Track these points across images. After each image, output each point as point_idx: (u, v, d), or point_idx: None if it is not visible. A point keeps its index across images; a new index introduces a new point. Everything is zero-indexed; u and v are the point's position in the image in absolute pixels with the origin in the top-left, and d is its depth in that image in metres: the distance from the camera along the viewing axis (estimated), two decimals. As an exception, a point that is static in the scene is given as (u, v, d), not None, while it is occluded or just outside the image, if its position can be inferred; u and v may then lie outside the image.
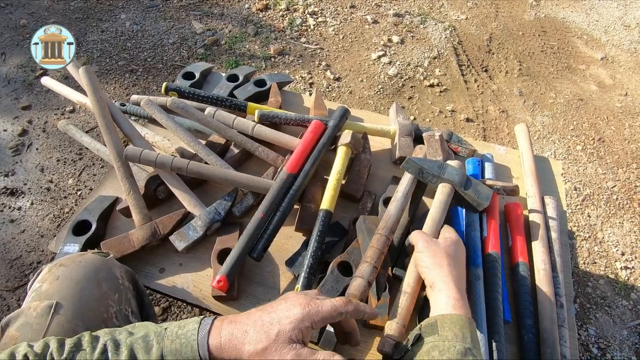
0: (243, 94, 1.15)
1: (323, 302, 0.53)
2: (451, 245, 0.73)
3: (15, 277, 1.44)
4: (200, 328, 0.50)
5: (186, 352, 0.48)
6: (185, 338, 0.49)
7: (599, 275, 1.51)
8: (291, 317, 0.50)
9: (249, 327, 0.50)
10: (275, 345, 0.48)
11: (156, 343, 0.48)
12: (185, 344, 0.48)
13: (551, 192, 1.05)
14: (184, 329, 0.50)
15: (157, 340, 0.49)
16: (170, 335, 0.49)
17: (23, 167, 1.74)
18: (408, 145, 1.06)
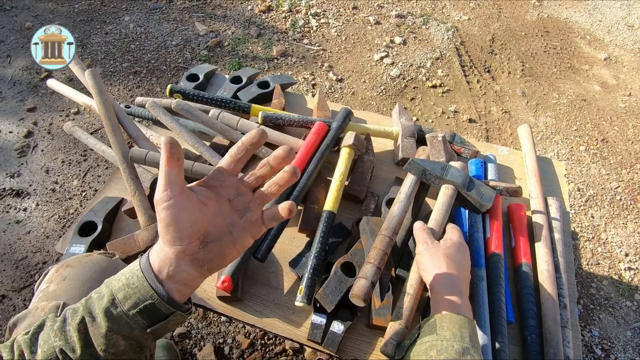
0: (246, 96, 1.16)
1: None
2: (452, 247, 0.72)
3: (21, 278, 1.45)
4: (142, 258, 0.47)
5: (132, 282, 0.45)
6: (130, 272, 0.46)
7: (602, 276, 1.50)
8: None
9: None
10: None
11: (106, 287, 0.47)
12: (129, 276, 0.46)
13: (554, 193, 1.05)
14: (130, 267, 0.47)
15: (107, 284, 0.47)
16: (118, 277, 0.47)
17: (28, 168, 1.76)
18: (411, 146, 1.06)
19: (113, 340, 0.45)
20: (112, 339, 0.45)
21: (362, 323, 0.82)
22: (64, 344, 0.45)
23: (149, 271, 0.45)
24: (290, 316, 0.83)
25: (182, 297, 0.47)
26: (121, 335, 0.46)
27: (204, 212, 0.47)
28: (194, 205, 0.46)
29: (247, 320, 0.83)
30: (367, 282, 0.71)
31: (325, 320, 0.79)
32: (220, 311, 0.84)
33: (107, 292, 0.46)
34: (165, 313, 0.46)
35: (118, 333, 0.45)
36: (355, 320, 0.81)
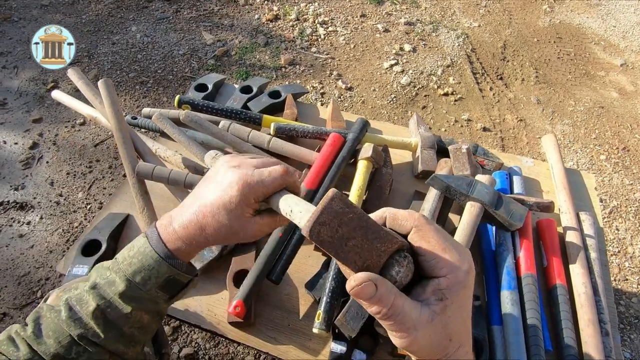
0: (257, 106, 1.12)
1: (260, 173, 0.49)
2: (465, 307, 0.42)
3: (23, 295, 1.40)
4: (149, 237, 0.48)
5: (148, 263, 0.47)
6: (140, 254, 0.47)
7: (632, 293, 1.42)
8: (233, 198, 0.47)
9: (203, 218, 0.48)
10: (236, 227, 0.48)
11: (115, 274, 0.47)
12: (142, 259, 0.47)
13: (585, 208, 0.99)
14: (135, 248, 0.48)
15: (115, 271, 0.47)
16: (123, 260, 0.48)
17: (33, 180, 1.72)
18: (431, 158, 1.00)
19: (137, 317, 0.48)
20: (136, 316, 0.47)
21: (385, 352, 0.75)
22: (82, 331, 0.46)
23: (165, 252, 0.47)
24: (307, 343, 0.77)
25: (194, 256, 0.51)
26: (145, 311, 0.48)
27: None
28: None
29: (260, 348, 0.77)
30: (393, 310, 0.65)
31: (346, 348, 0.73)
32: (231, 337, 0.78)
33: (118, 277, 0.47)
34: (184, 282, 0.50)
35: (142, 310, 0.48)
36: (377, 348, 0.75)
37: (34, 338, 0.45)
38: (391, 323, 0.33)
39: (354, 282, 0.33)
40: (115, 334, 0.47)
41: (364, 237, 0.34)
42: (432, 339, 0.34)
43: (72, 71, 1.00)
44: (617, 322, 0.80)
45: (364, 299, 0.33)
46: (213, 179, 0.50)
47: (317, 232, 0.33)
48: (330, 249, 0.33)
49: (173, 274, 0.48)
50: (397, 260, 0.35)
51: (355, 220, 0.34)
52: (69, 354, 0.45)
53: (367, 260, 0.34)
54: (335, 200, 0.35)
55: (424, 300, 0.34)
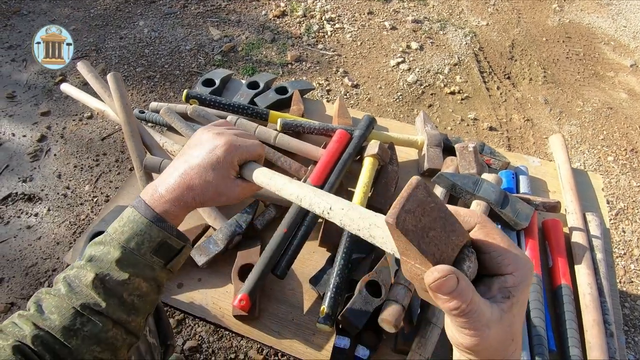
0: (264, 102, 1.12)
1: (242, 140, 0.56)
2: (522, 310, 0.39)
3: (30, 285, 1.42)
4: (136, 207, 0.51)
5: (140, 229, 0.49)
6: (130, 222, 0.50)
7: (637, 296, 1.41)
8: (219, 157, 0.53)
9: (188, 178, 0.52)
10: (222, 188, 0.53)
11: (108, 244, 0.49)
12: (133, 226, 0.49)
13: (592, 209, 0.98)
14: (124, 219, 0.51)
15: (108, 241, 0.49)
16: (114, 231, 0.50)
17: (41, 173, 1.74)
18: (437, 156, 1.00)
19: (135, 284, 0.49)
20: (135, 283, 0.49)
21: (388, 347, 0.76)
22: (83, 300, 0.47)
23: (154, 216, 0.50)
24: (311, 338, 0.78)
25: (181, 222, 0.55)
26: (142, 278, 0.49)
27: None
28: None
29: (264, 341, 0.77)
30: (398, 306, 0.66)
31: (349, 343, 0.73)
32: (236, 330, 0.79)
33: (112, 247, 0.48)
34: (177, 248, 0.52)
35: (139, 276, 0.49)
36: (381, 344, 0.75)
37: (37, 316, 0.46)
38: (466, 320, 0.32)
39: (437, 274, 0.31)
40: (116, 302, 0.48)
41: (442, 229, 0.33)
42: (499, 339, 0.33)
43: (82, 64, 1.01)
44: (621, 323, 0.80)
45: (444, 293, 0.31)
46: (197, 144, 0.55)
47: (403, 220, 0.31)
48: (413, 239, 0.31)
49: (165, 238, 0.50)
50: (467, 254, 0.33)
51: (436, 211, 0.33)
52: (74, 325, 0.46)
53: (443, 253, 0.32)
54: (420, 188, 0.33)
55: (491, 298, 0.33)
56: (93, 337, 0.46)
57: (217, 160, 0.52)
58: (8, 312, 1.36)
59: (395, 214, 0.31)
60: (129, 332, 0.50)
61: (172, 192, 0.51)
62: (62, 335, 0.45)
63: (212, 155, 0.52)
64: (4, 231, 1.55)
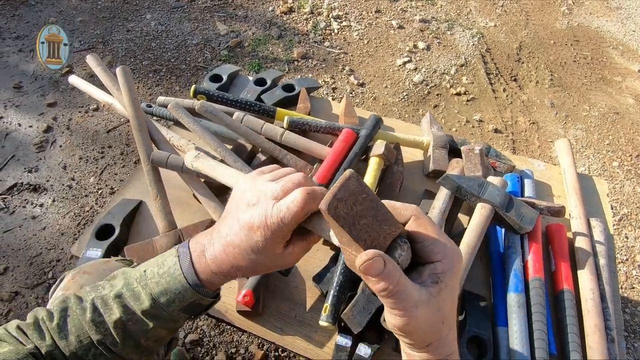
0: (271, 99, 1.12)
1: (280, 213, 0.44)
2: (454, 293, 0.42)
3: (35, 275, 1.43)
4: (181, 260, 0.47)
5: (175, 287, 0.46)
6: (169, 275, 0.47)
7: (637, 302, 1.42)
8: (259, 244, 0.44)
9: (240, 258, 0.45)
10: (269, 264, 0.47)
11: (142, 289, 0.47)
12: (170, 280, 0.47)
13: (596, 214, 0.98)
14: (165, 267, 0.48)
15: (142, 286, 0.48)
16: (152, 277, 0.48)
17: (46, 163, 1.75)
18: (443, 157, 1.00)
19: (156, 332, 0.48)
20: (156, 332, 0.48)
21: (389, 347, 0.76)
22: (101, 337, 0.46)
23: (195, 281, 0.46)
24: (313, 335, 0.78)
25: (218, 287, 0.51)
26: (164, 328, 0.49)
27: None
28: None
29: (267, 337, 0.78)
30: (401, 306, 0.66)
31: (351, 342, 0.74)
32: (239, 325, 0.80)
33: (144, 294, 0.47)
34: (206, 305, 0.50)
35: (162, 327, 0.48)
36: (382, 343, 0.76)
37: (57, 331, 0.47)
38: (394, 301, 0.35)
39: (365, 257, 0.34)
40: (132, 345, 0.48)
41: (374, 218, 0.36)
42: (428, 320, 0.36)
43: (91, 57, 1.01)
44: (622, 329, 0.80)
45: (372, 274, 0.34)
46: (234, 213, 0.46)
47: (334, 207, 0.35)
48: (344, 225, 0.35)
49: (197, 299, 0.47)
50: (400, 244, 0.37)
51: (368, 201, 0.36)
52: (86, 355, 0.46)
53: (374, 240, 0.36)
54: (352, 179, 0.36)
55: (421, 282, 0.36)
56: None
57: (256, 245, 0.44)
58: (12, 300, 1.37)
59: (328, 200, 0.34)
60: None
61: (218, 266, 0.46)
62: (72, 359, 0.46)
63: (249, 239, 0.44)
64: (10, 220, 1.56)
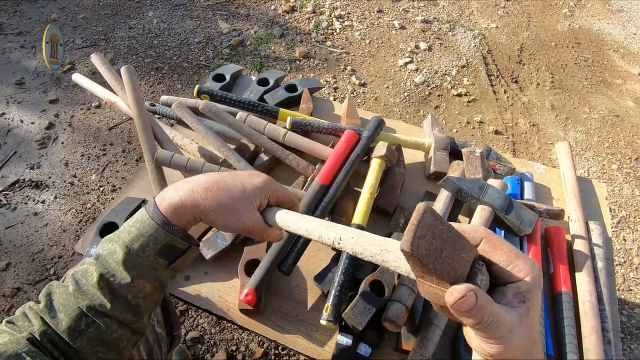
0: (274, 99, 1.13)
1: (282, 185, 0.59)
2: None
3: (37, 271, 1.44)
4: (147, 207, 0.51)
5: (146, 230, 0.48)
6: (138, 222, 0.49)
7: (634, 304, 1.43)
8: (255, 184, 0.54)
9: (212, 185, 0.52)
10: (238, 206, 0.51)
11: (115, 243, 0.49)
12: (140, 227, 0.49)
13: (595, 217, 0.99)
14: (134, 219, 0.50)
15: (115, 241, 0.49)
16: (123, 230, 0.50)
17: (48, 160, 1.76)
18: (444, 159, 1.01)
19: (139, 286, 0.49)
20: (138, 285, 0.49)
21: (389, 346, 0.78)
22: (89, 302, 0.47)
23: (161, 219, 0.49)
24: (314, 334, 0.79)
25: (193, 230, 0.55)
26: (146, 280, 0.49)
27: None
28: None
29: (268, 336, 0.79)
30: (402, 307, 0.67)
31: (352, 341, 0.75)
32: (241, 324, 0.81)
33: (118, 246, 0.48)
34: (182, 249, 0.51)
35: (143, 278, 0.49)
36: (382, 343, 0.77)
37: (46, 311, 0.47)
38: (489, 331, 0.33)
39: (457, 295, 0.32)
40: (121, 303, 0.48)
41: (453, 248, 0.34)
42: (523, 342, 0.34)
43: (96, 56, 1.02)
44: (619, 331, 0.81)
45: (464, 310, 0.32)
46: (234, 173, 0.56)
47: (417, 246, 0.33)
48: (429, 262, 0.33)
49: (170, 240, 0.49)
50: (478, 268, 0.35)
51: (445, 232, 0.35)
52: (79, 325, 0.46)
53: (457, 271, 0.34)
54: (427, 213, 0.35)
55: (507, 304, 0.35)
56: (98, 339, 0.47)
57: (251, 182, 0.53)
58: (14, 296, 1.38)
59: (409, 241, 0.33)
60: (134, 332, 0.50)
61: (180, 198, 0.50)
62: (67, 335, 0.46)
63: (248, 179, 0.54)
64: (12, 217, 1.57)
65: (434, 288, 0.35)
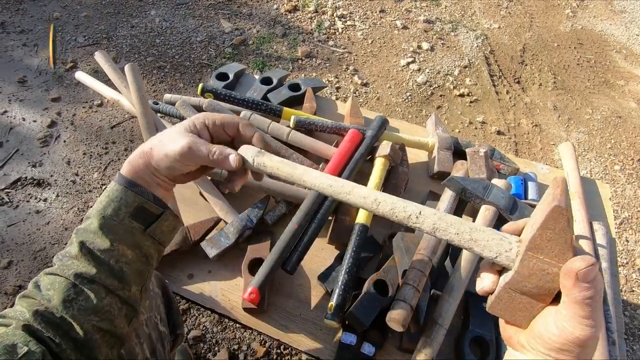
0: (277, 98, 1.13)
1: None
2: None
3: (38, 269, 1.44)
4: (115, 177, 0.53)
5: (115, 195, 0.51)
6: (108, 191, 0.52)
7: (637, 305, 1.43)
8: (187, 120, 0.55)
9: (154, 137, 0.54)
10: (172, 135, 0.52)
11: (91, 216, 0.51)
12: (109, 194, 0.51)
13: (598, 218, 0.99)
14: (104, 192, 0.53)
15: (90, 214, 0.51)
16: (96, 203, 0.52)
17: (50, 158, 1.76)
18: (447, 159, 1.01)
19: (120, 251, 0.50)
20: (119, 250, 0.50)
21: (393, 346, 0.77)
22: (75, 270, 0.48)
23: (127, 181, 0.51)
24: (317, 333, 0.79)
25: (167, 200, 0.55)
26: (125, 245, 0.50)
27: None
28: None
29: (272, 334, 0.79)
30: (406, 306, 0.67)
31: (355, 340, 0.75)
32: (244, 322, 0.80)
33: (93, 216, 0.50)
34: (156, 213, 0.52)
35: (122, 243, 0.50)
36: (386, 342, 0.77)
37: (35, 293, 0.48)
38: (592, 309, 0.34)
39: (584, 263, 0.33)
40: (105, 269, 0.49)
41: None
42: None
43: (99, 54, 1.02)
44: (623, 332, 0.81)
45: (587, 281, 0.33)
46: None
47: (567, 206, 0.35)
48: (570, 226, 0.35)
49: (141, 202, 0.51)
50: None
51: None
52: (69, 295, 0.47)
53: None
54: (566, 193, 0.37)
55: None
56: (89, 307, 0.47)
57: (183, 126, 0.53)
58: (16, 294, 1.38)
59: (563, 201, 0.34)
60: (124, 302, 0.51)
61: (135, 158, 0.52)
62: (60, 309, 0.46)
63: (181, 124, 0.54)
64: (14, 215, 1.57)
65: (546, 263, 0.35)
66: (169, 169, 0.52)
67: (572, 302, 0.34)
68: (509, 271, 0.38)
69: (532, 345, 0.38)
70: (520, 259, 0.36)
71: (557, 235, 0.34)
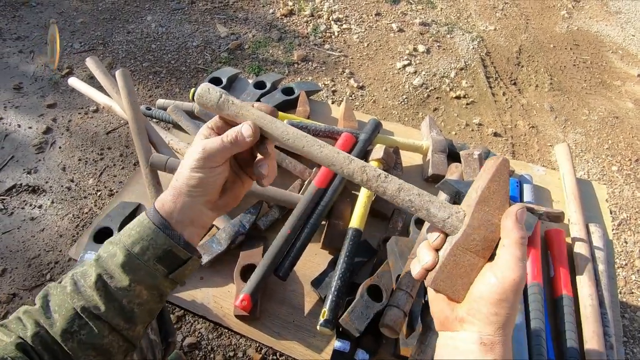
0: (270, 102, 1.12)
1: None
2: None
3: (33, 277, 1.43)
4: (147, 211, 0.50)
5: (146, 233, 0.48)
6: (139, 225, 0.49)
7: (636, 307, 1.41)
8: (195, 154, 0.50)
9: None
10: (187, 153, 0.50)
11: (116, 246, 0.49)
12: (140, 230, 0.48)
13: (595, 219, 0.98)
14: (135, 222, 0.50)
15: (116, 243, 0.49)
16: (125, 233, 0.49)
17: (45, 165, 1.75)
18: (442, 162, 1.00)
19: (136, 292, 0.48)
20: (135, 290, 0.48)
21: (387, 352, 0.76)
22: (84, 303, 0.46)
23: (161, 221, 0.49)
24: (311, 340, 0.78)
25: (196, 240, 0.52)
26: (144, 286, 0.48)
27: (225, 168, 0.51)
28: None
29: (264, 342, 0.78)
30: (399, 312, 0.66)
31: (349, 347, 0.74)
32: (237, 330, 0.79)
33: (119, 249, 0.48)
34: (183, 258, 0.50)
35: (141, 284, 0.48)
36: (380, 348, 0.75)
37: (42, 312, 0.47)
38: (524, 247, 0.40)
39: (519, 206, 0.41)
40: (116, 307, 0.47)
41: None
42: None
43: (91, 60, 1.01)
44: (622, 335, 0.80)
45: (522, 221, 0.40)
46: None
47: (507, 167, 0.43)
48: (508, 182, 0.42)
49: (170, 246, 0.48)
50: None
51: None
52: (72, 327, 0.46)
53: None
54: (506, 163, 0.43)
55: None
56: (89, 342, 0.46)
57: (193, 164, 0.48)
58: (10, 302, 1.37)
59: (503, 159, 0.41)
60: (126, 340, 0.49)
61: (174, 200, 0.49)
62: (60, 337, 0.45)
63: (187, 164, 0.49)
64: (8, 222, 1.56)
65: (490, 214, 0.41)
66: (200, 185, 0.48)
67: (511, 243, 0.39)
68: (459, 231, 0.41)
69: (474, 310, 0.40)
70: (472, 212, 0.40)
71: (500, 187, 0.40)
